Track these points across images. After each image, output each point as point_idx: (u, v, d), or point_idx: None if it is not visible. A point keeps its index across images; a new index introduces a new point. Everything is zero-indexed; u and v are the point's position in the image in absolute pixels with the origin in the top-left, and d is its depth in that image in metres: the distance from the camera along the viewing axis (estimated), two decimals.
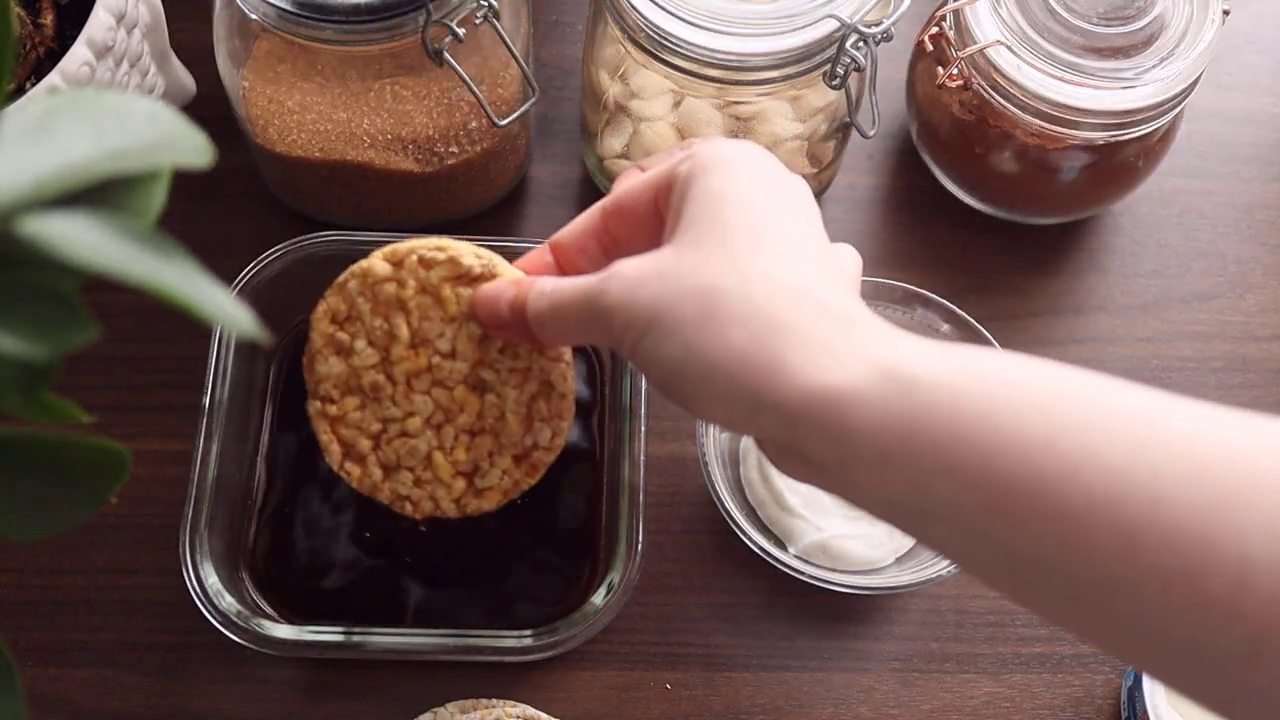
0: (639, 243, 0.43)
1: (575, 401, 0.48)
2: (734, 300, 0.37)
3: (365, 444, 0.47)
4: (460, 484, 0.48)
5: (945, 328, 0.59)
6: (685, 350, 0.37)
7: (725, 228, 0.39)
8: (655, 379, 0.39)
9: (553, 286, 0.42)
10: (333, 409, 0.47)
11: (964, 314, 0.59)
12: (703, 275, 0.38)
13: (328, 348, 0.47)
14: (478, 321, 0.46)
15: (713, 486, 0.52)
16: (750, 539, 0.54)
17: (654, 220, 0.43)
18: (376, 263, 0.46)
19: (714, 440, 0.54)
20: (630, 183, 0.44)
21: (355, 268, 0.47)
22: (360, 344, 0.46)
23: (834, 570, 0.56)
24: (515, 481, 0.48)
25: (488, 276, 0.46)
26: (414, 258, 0.46)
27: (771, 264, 0.38)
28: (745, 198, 0.39)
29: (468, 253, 0.46)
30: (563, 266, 0.46)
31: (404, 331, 0.46)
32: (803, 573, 0.54)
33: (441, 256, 0.46)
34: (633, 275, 0.39)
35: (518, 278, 0.46)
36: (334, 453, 0.47)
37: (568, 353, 0.47)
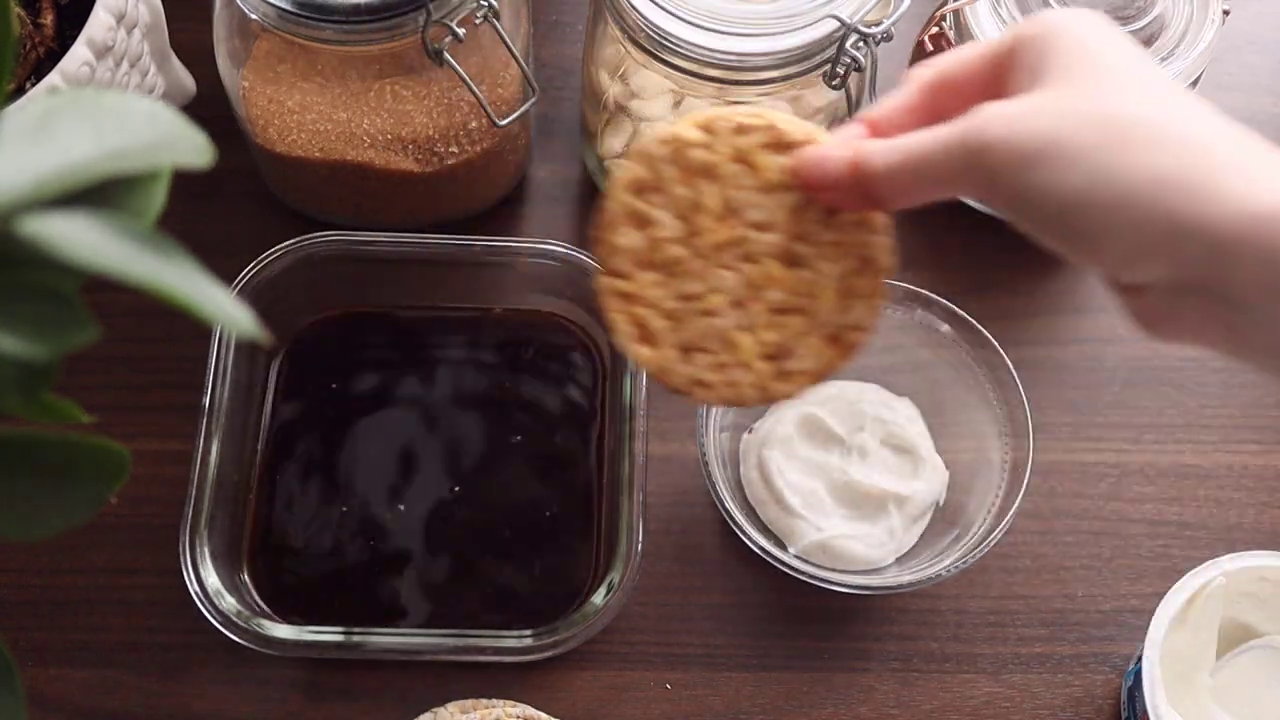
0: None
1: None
2: (1149, 124, 0.35)
3: (661, 323, 0.43)
4: (764, 367, 0.43)
5: (945, 328, 0.59)
6: (1090, 177, 0.35)
7: (1109, 67, 0.37)
8: (1042, 214, 0.36)
9: (902, 140, 0.39)
10: (627, 285, 0.43)
11: (964, 314, 0.58)
12: (1105, 104, 0.36)
13: (626, 218, 0.43)
14: (803, 185, 0.42)
15: (713, 486, 0.52)
16: (750, 539, 0.53)
17: (992, 87, 0.39)
18: (687, 128, 0.43)
19: (714, 440, 0.54)
20: (954, 56, 0.41)
21: (663, 132, 0.43)
22: (662, 214, 0.43)
23: (834, 570, 0.56)
24: (827, 362, 0.43)
25: (809, 144, 0.42)
26: (729, 124, 0.43)
27: (1170, 92, 0.36)
28: (1116, 42, 0.38)
29: (788, 119, 0.43)
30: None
31: (713, 201, 0.43)
32: (803, 573, 0.54)
33: (760, 122, 0.42)
34: (1014, 110, 0.37)
35: (847, 140, 0.42)
36: (625, 332, 0.43)
37: (889, 225, 0.43)
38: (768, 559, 0.51)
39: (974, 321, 0.58)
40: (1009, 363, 0.54)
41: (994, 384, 0.56)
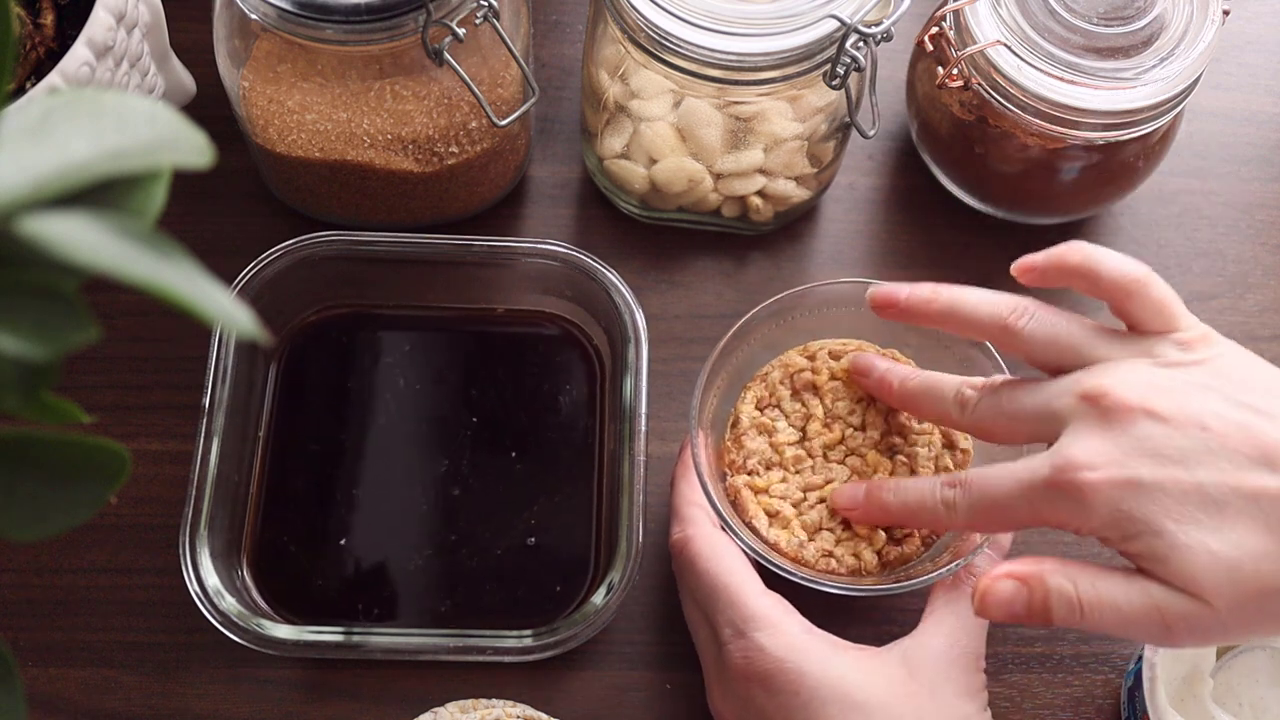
0: None
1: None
2: None
3: (789, 511, 0.54)
4: (880, 537, 0.53)
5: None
6: None
7: None
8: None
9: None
10: (759, 481, 0.54)
11: None
12: None
13: (754, 428, 0.55)
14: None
15: (706, 490, 0.52)
16: (746, 542, 0.53)
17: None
18: (795, 356, 0.56)
19: (704, 445, 0.54)
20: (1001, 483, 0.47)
21: (776, 361, 0.56)
22: (781, 424, 0.55)
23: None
24: (930, 530, 0.54)
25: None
26: (825, 351, 0.56)
27: None
28: None
29: (869, 346, 0.56)
30: None
31: (819, 410, 0.55)
32: (801, 574, 0.54)
33: (848, 348, 0.56)
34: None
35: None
36: (763, 519, 0.53)
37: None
38: (765, 561, 0.51)
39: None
40: (1003, 364, 0.54)
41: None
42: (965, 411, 0.50)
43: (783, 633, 0.49)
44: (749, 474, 0.54)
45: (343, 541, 0.58)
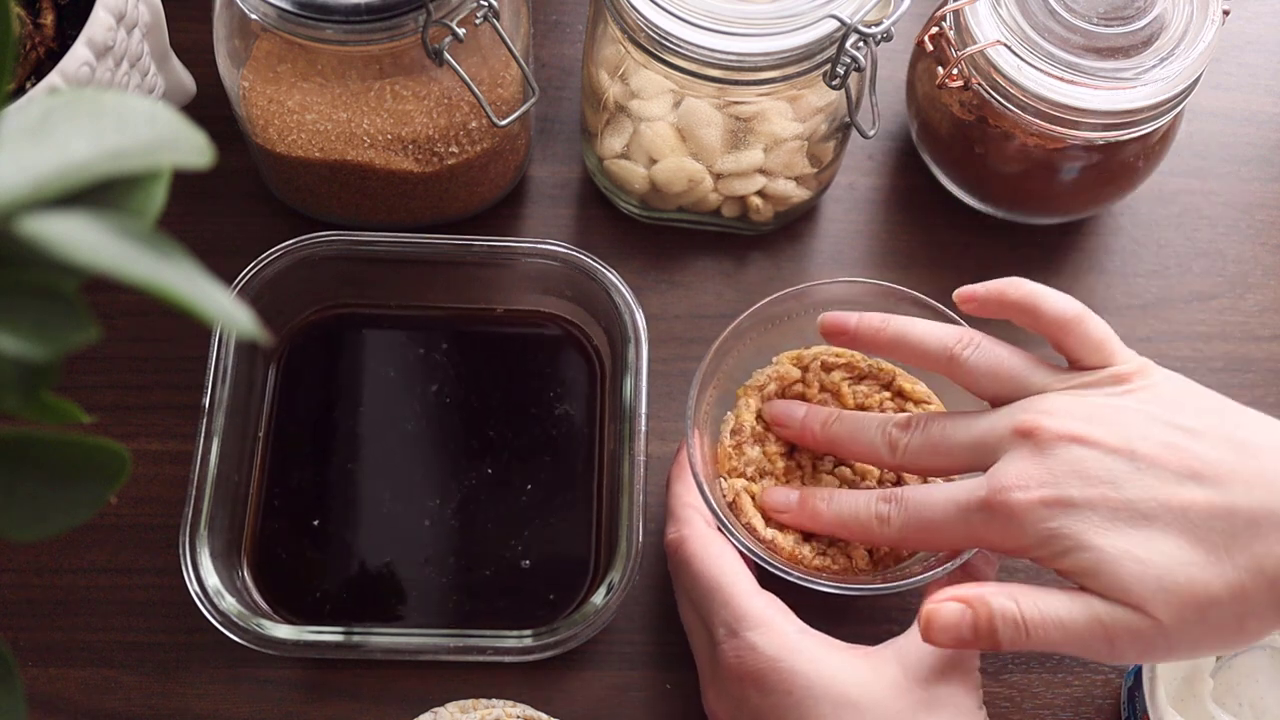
0: None
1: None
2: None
3: (784, 516, 0.54)
4: None
5: None
6: None
7: None
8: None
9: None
10: (755, 487, 0.55)
11: (957, 316, 0.58)
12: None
13: (752, 437, 0.55)
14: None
15: (703, 491, 0.52)
16: (744, 543, 0.53)
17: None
18: (789, 367, 0.57)
19: (699, 446, 0.54)
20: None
21: (772, 371, 0.57)
22: (774, 434, 0.56)
23: None
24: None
25: (874, 373, 0.57)
26: (817, 362, 0.57)
27: None
28: None
29: (860, 357, 0.57)
30: None
31: None
32: (800, 573, 0.54)
33: (840, 361, 0.57)
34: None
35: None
36: (760, 520, 0.54)
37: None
38: (762, 562, 0.51)
39: (966, 324, 0.58)
40: None
41: None
42: (896, 453, 0.51)
43: (776, 632, 0.49)
44: (747, 479, 0.55)
45: (343, 541, 0.58)
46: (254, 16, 0.55)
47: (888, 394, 0.57)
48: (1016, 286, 0.51)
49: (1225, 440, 0.45)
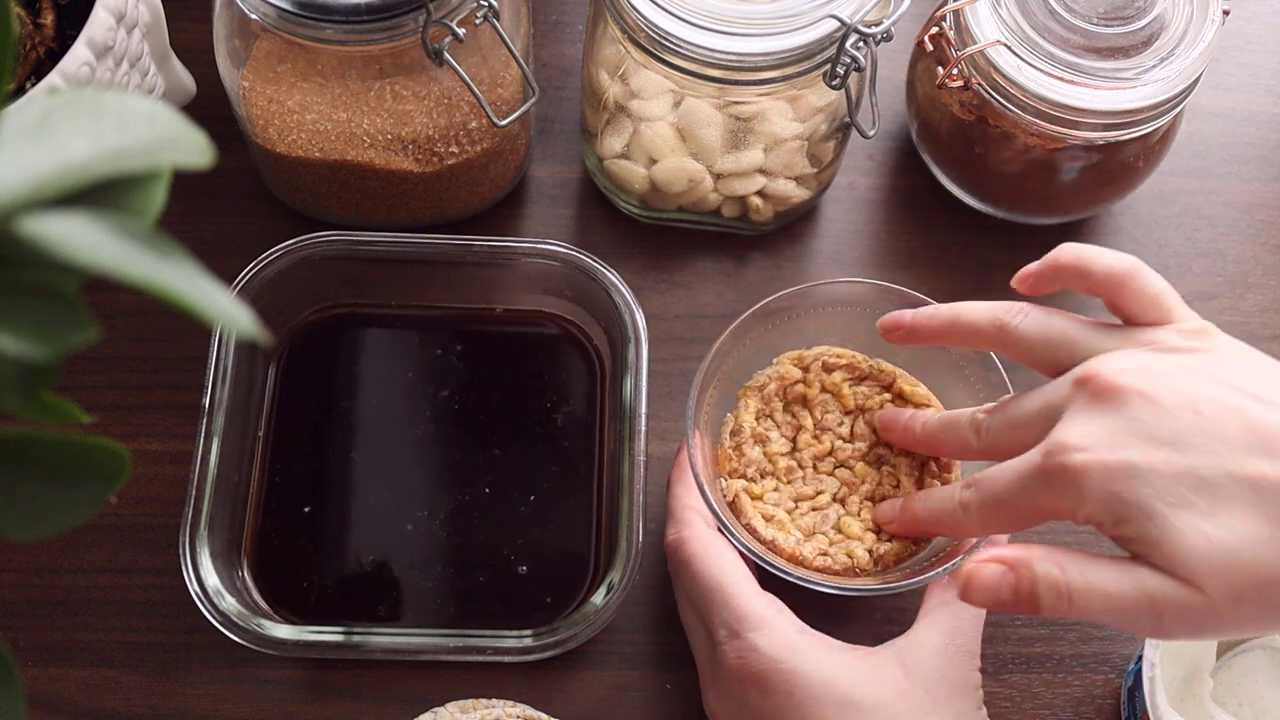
0: None
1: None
2: None
3: (783, 515, 0.55)
4: (870, 536, 0.54)
5: None
6: None
7: None
8: None
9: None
10: (755, 488, 0.55)
11: None
12: None
13: (753, 438, 0.56)
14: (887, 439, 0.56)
15: (703, 492, 0.52)
16: (743, 543, 0.53)
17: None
18: (790, 367, 0.57)
19: (700, 447, 0.54)
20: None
21: (772, 371, 0.57)
22: (774, 434, 0.56)
23: None
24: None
25: (875, 374, 0.57)
26: (818, 363, 0.57)
27: None
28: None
29: (861, 358, 0.57)
30: None
31: (809, 422, 0.56)
32: (800, 574, 0.54)
33: (841, 361, 0.57)
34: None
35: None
36: (760, 520, 0.54)
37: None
38: (763, 563, 0.51)
39: None
40: (1000, 365, 0.54)
41: (985, 385, 0.56)
42: (980, 436, 0.50)
43: (777, 633, 0.49)
44: (748, 480, 0.55)
45: (343, 541, 0.58)
46: (254, 16, 0.55)
47: (888, 395, 0.57)
48: (1067, 251, 0.49)
49: None
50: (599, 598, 0.53)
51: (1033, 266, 0.51)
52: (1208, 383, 0.43)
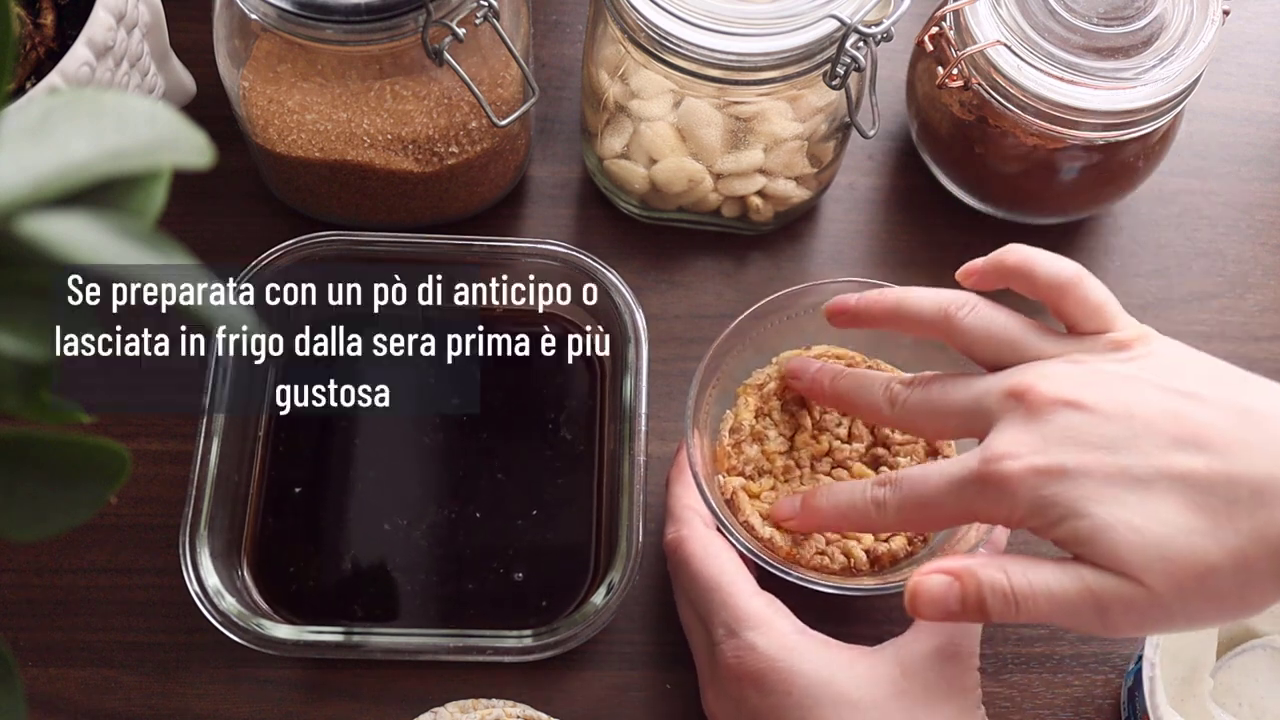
0: None
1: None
2: None
3: (791, 523, 0.54)
4: (868, 536, 0.54)
5: None
6: None
7: None
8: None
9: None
10: (753, 486, 0.55)
11: None
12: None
13: (751, 436, 0.56)
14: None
15: (702, 491, 0.52)
16: (743, 543, 0.53)
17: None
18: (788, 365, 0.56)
19: (699, 447, 0.54)
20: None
21: (772, 370, 0.56)
22: (772, 433, 0.56)
23: None
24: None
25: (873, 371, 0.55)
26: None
27: None
28: None
29: (860, 358, 0.57)
30: None
31: (808, 421, 0.56)
32: (800, 574, 0.54)
33: (840, 362, 0.56)
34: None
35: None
36: (758, 519, 0.54)
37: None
38: (762, 563, 0.51)
39: None
40: None
41: None
42: (894, 407, 0.50)
43: (775, 632, 0.49)
44: (746, 478, 0.55)
45: (343, 541, 0.58)
46: (254, 16, 0.55)
47: None
48: (1012, 251, 0.49)
49: (1228, 406, 0.43)
50: (599, 598, 0.54)
51: (979, 262, 0.51)
52: (1144, 388, 0.44)
